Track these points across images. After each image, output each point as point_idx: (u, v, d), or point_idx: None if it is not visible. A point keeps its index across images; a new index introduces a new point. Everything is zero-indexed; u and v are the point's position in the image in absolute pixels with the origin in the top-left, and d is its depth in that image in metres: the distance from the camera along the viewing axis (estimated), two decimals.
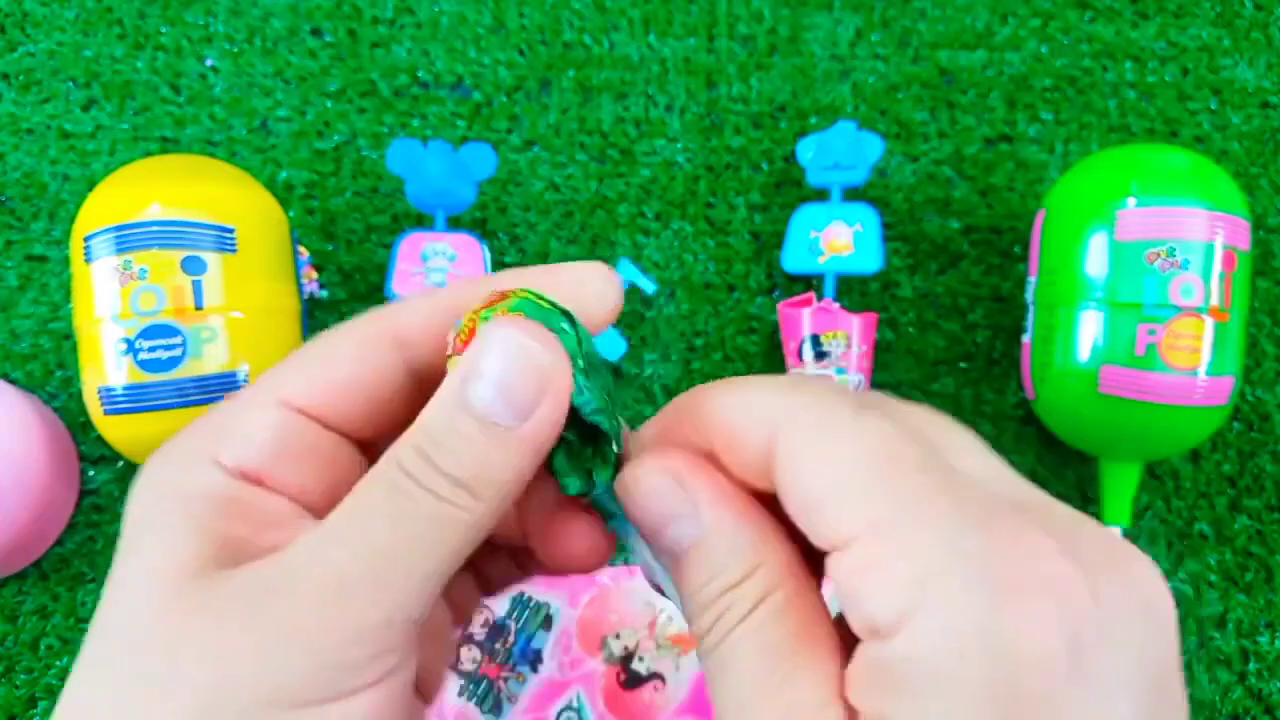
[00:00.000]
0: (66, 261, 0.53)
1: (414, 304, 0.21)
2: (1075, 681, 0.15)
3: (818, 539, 0.18)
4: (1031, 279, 0.51)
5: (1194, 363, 0.45)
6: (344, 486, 0.19)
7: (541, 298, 0.20)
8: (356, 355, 0.21)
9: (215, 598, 0.18)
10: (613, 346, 0.51)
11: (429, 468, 0.18)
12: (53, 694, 0.50)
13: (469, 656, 0.48)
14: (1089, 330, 0.46)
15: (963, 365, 0.55)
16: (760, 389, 0.19)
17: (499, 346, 0.19)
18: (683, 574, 0.20)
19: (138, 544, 0.19)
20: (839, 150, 0.52)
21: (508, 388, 0.18)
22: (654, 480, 0.20)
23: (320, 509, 0.20)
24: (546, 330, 0.19)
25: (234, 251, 0.45)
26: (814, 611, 0.19)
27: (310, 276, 0.52)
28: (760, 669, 0.18)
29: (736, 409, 0.20)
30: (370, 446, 0.22)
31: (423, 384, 0.21)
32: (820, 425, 0.18)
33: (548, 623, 0.49)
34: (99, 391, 0.44)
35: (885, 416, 0.18)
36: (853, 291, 0.55)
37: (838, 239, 0.51)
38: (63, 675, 0.50)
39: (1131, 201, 0.46)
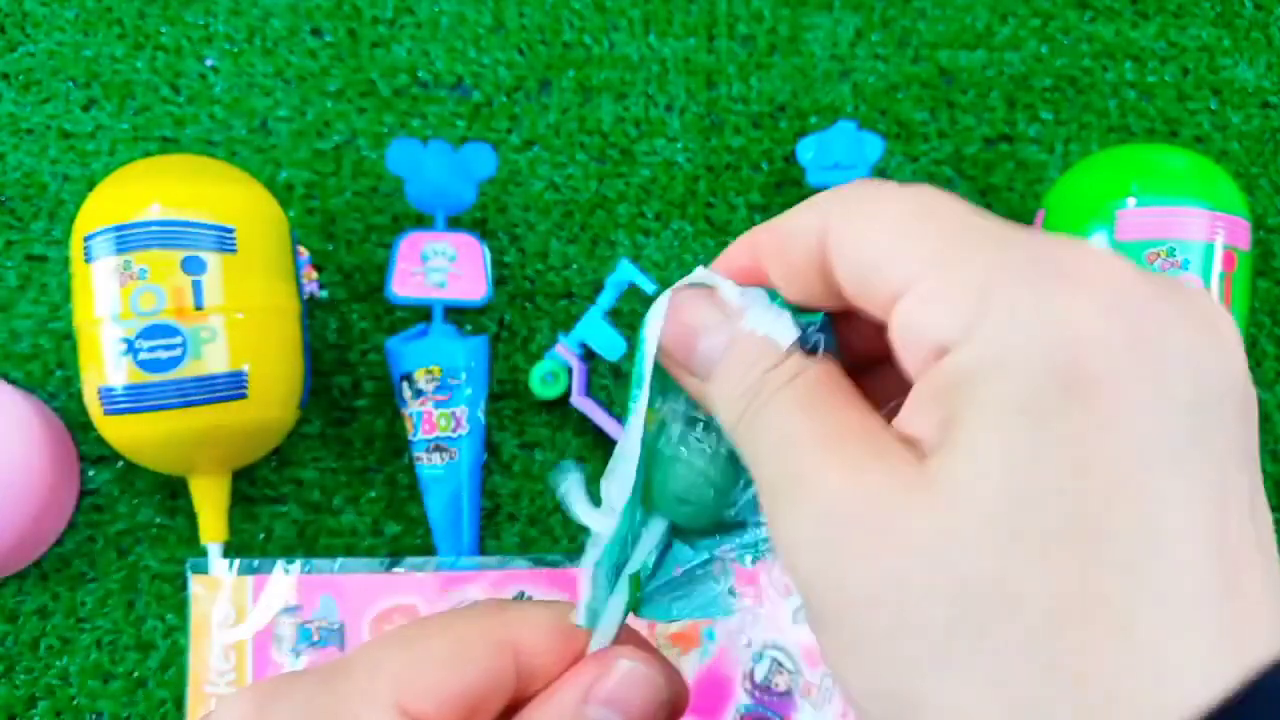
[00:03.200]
0: (66, 261, 0.53)
1: (536, 617, 0.22)
2: (1137, 366, 0.15)
3: (876, 301, 0.18)
4: None
5: None
6: None
7: None
8: (478, 671, 0.21)
9: None
10: (612, 346, 0.51)
11: None
12: (53, 694, 0.50)
13: None
14: None
15: None
16: (799, 206, 0.21)
17: (626, 676, 0.20)
18: (718, 382, 0.21)
19: None
20: (839, 150, 0.52)
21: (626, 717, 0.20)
22: (686, 295, 0.22)
23: None
24: (668, 663, 0.21)
25: (234, 251, 0.45)
26: (850, 386, 0.20)
27: (310, 276, 0.52)
28: (806, 417, 0.19)
29: (786, 215, 0.21)
30: None
31: (523, 680, 0.22)
32: (866, 198, 0.19)
33: None
34: (99, 391, 0.44)
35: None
36: None
37: None
38: (63, 675, 0.50)
39: (1131, 201, 0.46)
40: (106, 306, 0.44)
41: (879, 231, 0.18)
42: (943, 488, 0.16)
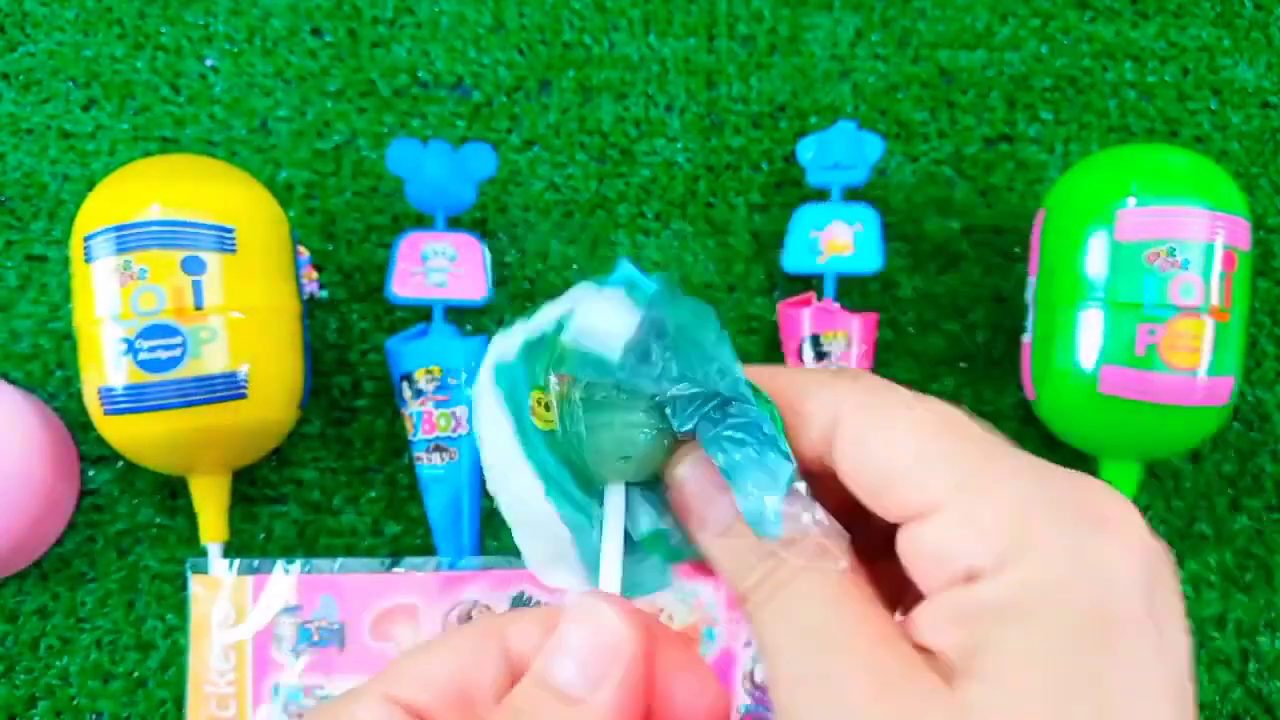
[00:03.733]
0: (66, 261, 0.53)
1: (526, 621, 0.22)
2: (1150, 613, 0.17)
3: (893, 509, 0.19)
4: (1031, 279, 0.51)
5: (1194, 363, 0.45)
6: None
7: None
8: (464, 658, 0.22)
9: None
10: None
11: None
12: (53, 694, 0.50)
13: None
14: (1089, 330, 0.46)
15: (963, 365, 0.55)
16: (817, 378, 0.21)
17: (581, 619, 0.21)
18: (734, 536, 0.21)
19: None
20: (839, 150, 0.52)
21: (584, 663, 0.20)
22: (687, 469, 0.22)
23: None
24: (627, 603, 0.21)
25: (234, 251, 0.45)
26: (867, 580, 0.20)
27: (310, 276, 0.52)
28: (833, 612, 0.19)
29: (795, 394, 0.21)
30: None
31: (515, 672, 0.22)
32: (883, 407, 0.20)
33: None
34: (99, 391, 0.44)
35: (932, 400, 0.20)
36: (853, 291, 0.55)
37: (838, 239, 0.51)
38: (63, 675, 0.50)
39: (1131, 201, 0.46)
40: (106, 306, 0.44)
41: (899, 443, 0.19)
42: (979, 708, 0.17)
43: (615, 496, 0.23)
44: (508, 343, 0.23)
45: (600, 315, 0.22)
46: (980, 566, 0.18)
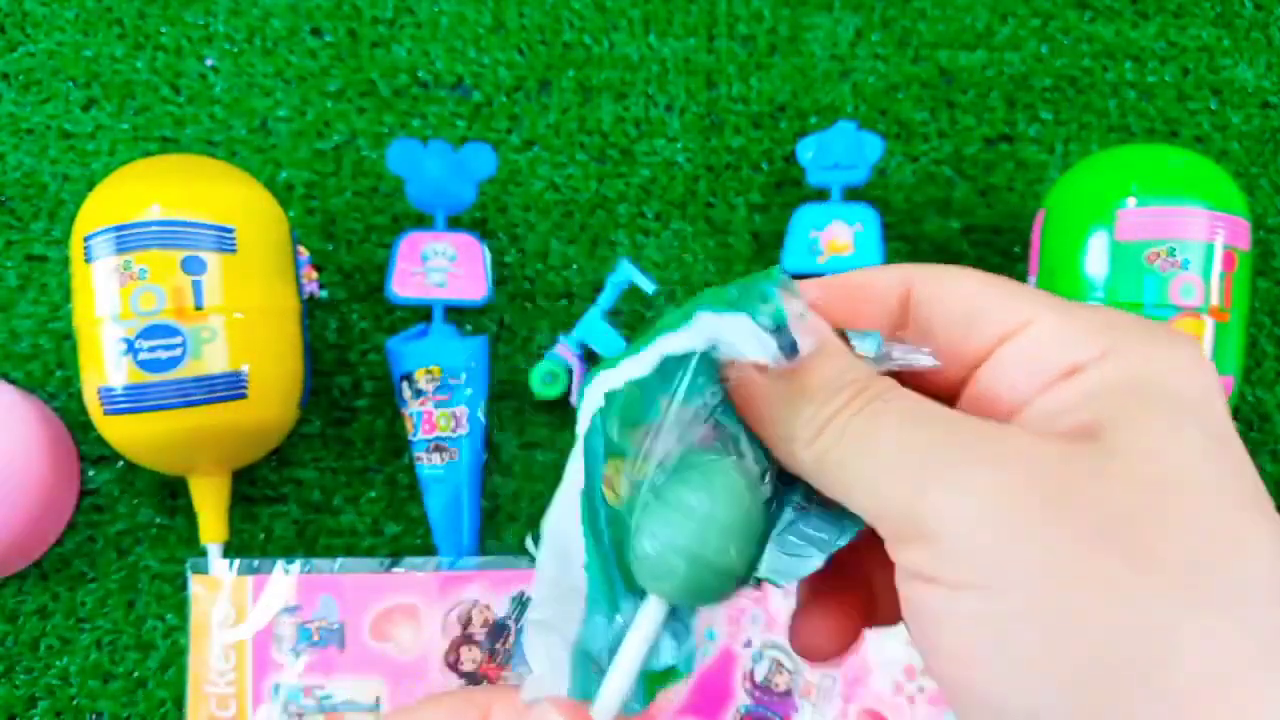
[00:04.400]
0: (66, 261, 0.53)
1: (510, 697, 0.22)
2: (1216, 394, 0.19)
3: (974, 341, 0.20)
4: (1031, 279, 0.51)
5: None
6: None
7: None
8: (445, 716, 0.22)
9: None
10: (612, 346, 0.51)
11: None
12: (53, 694, 0.50)
13: (469, 657, 0.48)
14: None
15: None
16: (881, 265, 0.23)
17: None
18: (800, 382, 0.20)
19: None
20: (839, 150, 0.52)
21: None
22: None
23: None
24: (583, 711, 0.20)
25: (234, 251, 0.45)
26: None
27: (310, 276, 0.52)
28: (935, 424, 0.19)
29: (853, 273, 0.23)
30: None
31: None
32: (945, 268, 0.22)
33: None
34: (99, 391, 0.44)
35: None
36: None
37: (838, 239, 0.51)
38: (63, 675, 0.50)
39: (1131, 201, 0.46)
40: (106, 306, 0.44)
41: (975, 288, 0.21)
42: (1136, 453, 0.17)
43: (654, 611, 0.20)
44: (617, 376, 0.20)
45: (745, 345, 0.19)
46: (1085, 359, 0.19)
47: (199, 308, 0.44)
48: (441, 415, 0.50)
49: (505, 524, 0.53)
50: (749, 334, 0.19)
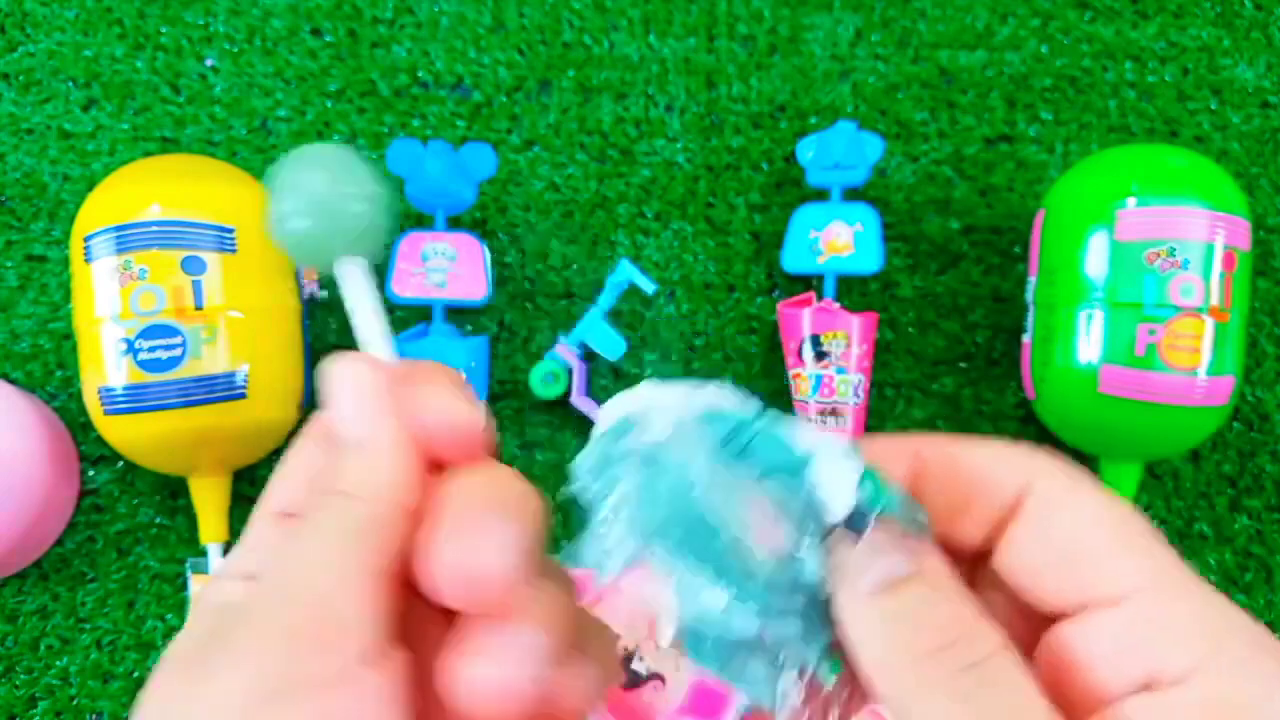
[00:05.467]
0: (66, 261, 0.53)
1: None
2: None
3: (1072, 591, 0.19)
4: (1031, 279, 0.51)
5: (1194, 363, 0.45)
6: None
7: None
8: (308, 458, 0.24)
9: None
10: (613, 346, 0.51)
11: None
12: (53, 694, 0.50)
13: None
14: (1089, 330, 0.46)
15: (963, 365, 0.55)
16: (1007, 445, 0.21)
17: (341, 375, 0.21)
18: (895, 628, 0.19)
19: None
20: (839, 150, 0.52)
21: (356, 410, 0.21)
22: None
23: None
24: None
25: (234, 251, 0.45)
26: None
27: (310, 276, 0.52)
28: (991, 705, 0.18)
29: (986, 457, 0.21)
30: None
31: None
32: (1075, 483, 0.20)
33: None
34: (99, 391, 0.44)
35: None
36: (853, 291, 0.55)
37: (838, 239, 0.51)
38: (63, 675, 0.50)
39: (1131, 201, 0.46)
40: (106, 306, 0.44)
41: (1097, 518, 0.19)
42: None
43: (354, 271, 0.23)
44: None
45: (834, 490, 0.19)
46: (1171, 669, 0.17)
47: (199, 308, 0.44)
48: None
49: None
50: (846, 485, 0.19)
